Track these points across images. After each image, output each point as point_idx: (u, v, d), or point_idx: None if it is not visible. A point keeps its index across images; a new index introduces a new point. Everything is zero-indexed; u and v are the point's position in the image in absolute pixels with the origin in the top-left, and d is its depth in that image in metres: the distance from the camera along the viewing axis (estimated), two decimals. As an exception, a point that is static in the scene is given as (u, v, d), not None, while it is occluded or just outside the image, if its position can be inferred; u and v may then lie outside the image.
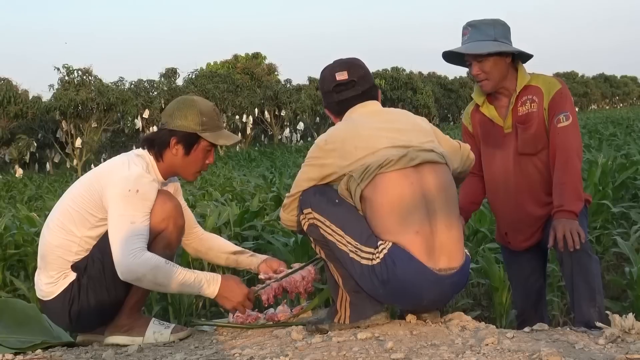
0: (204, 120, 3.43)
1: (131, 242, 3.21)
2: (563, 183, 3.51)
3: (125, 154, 3.53)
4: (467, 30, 3.69)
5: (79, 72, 28.98)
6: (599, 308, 3.41)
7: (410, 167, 3.02)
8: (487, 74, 3.64)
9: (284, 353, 2.87)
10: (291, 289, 3.59)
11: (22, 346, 3.42)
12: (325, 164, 3.12)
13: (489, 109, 3.78)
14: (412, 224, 2.96)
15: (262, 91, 39.19)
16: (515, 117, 3.68)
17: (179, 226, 3.49)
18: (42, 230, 3.53)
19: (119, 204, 3.26)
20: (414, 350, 2.76)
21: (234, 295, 3.38)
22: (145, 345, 3.41)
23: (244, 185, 11.82)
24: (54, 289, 3.41)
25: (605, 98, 76.98)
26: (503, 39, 3.64)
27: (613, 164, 8.38)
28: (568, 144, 3.54)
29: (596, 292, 3.42)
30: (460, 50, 3.66)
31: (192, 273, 3.31)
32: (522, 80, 3.67)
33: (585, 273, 3.42)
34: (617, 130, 19.66)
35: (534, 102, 3.63)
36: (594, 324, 3.19)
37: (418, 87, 44.16)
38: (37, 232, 6.10)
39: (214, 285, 3.34)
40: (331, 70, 3.33)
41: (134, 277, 3.24)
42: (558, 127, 3.55)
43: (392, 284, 2.96)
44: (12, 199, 16.30)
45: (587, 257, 3.43)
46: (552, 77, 3.72)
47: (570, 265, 3.44)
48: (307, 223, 3.14)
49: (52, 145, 29.64)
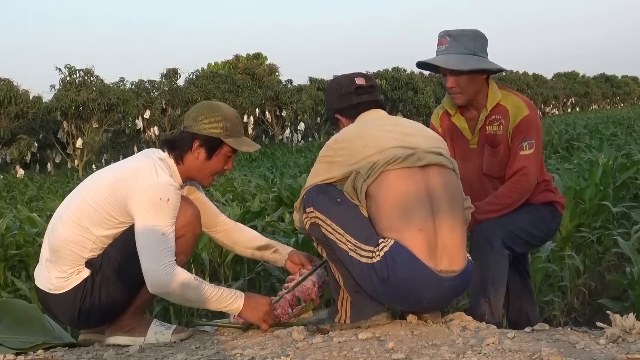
0: (227, 126, 3.43)
1: (163, 256, 3.21)
2: (497, 198, 3.57)
3: (146, 155, 3.48)
4: (445, 40, 3.61)
5: (80, 72, 29.01)
6: (489, 300, 3.41)
7: (417, 167, 3.04)
8: (462, 88, 3.60)
9: (285, 353, 2.88)
10: (304, 298, 3.60)
11: (23, 346, 3.42)
12: (334, 162, 3.14)
13: (460, 120, 3.76)
14: (416, 221, 2.96)
15: (263, 91, 39.24)
16: (483, 134, 3.67)
17: (196, 234, 3.50)
18: (54, 222, 3.47)
19: (149, 212, 3.24)
20: (415, 351, 2.76)
21: (258, 307, 3.41)
22: (147, 345, 3.42)
23: (245, 185, 11.80)
24: (66, 283, 3.38)
25: (606, 98, 76.88)
26: (482, 53, 3.59)
27: (614, 164, 8.36)
28: (525, 173, 3.56)
29: (489, 283, 3.41)
30: (439, 64, 3.60)
31: (217, 290, 3.33)
32: (493, 98, 3.64)
33: (480, 260, 3.41)
34: (618, 130, 19.61)
35: (500, 124, 3.62)
36: (482, 314, 3.34)
37: (419, 88, 44.16)
38: (38, 232, 6.10)
39: (238, 300, 3.37)
40: (349, 75, 3.41)
41: (164, 291, 3.26)
42: (520, 154, 3.56)
43: (391, 282, 2.95)
44: (13, 199, 16.32)
45: (488, 247, 3.44)
46: (521, 100, 3.66)
47: (471, 252, 3.45)
48: (309, 222, 3.15)
49: (53, 145, 29.66)
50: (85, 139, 28.52)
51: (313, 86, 40.39)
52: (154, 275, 3.21)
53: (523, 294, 3.83)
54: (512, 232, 3.51)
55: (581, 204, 5.93)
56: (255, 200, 8.01)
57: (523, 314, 3.71)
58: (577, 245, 5.61)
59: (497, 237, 3.45)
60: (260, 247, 3.87)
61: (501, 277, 3.45)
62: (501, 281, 3.45)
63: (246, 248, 3.88)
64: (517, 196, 3.57)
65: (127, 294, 3.43)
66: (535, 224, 3.62)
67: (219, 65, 50.18)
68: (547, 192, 3.70)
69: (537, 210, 3.65)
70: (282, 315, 3.54)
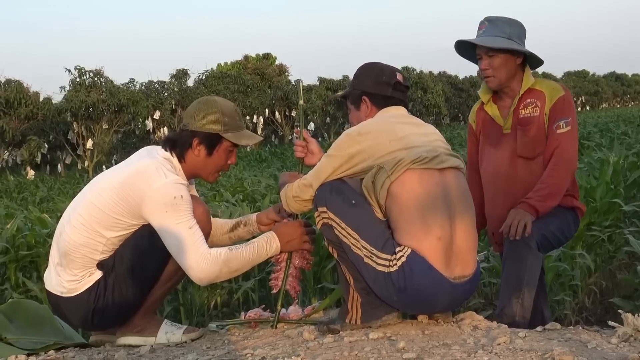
0: (225, 121, 3.43)
1: (197, 247, 3.22)
2: (543, 182, 3.59)
3: (151, 155, 3.45)
4: (484, 25, 3.74)
5: (90, 73, 29.06)
6: (523, 301, 3.43)
7: (436, 170, 3.04)
8: (495, 70, 3.68)
9: (296, 353, 2.88)
10: (304, 265, 3.61)
11: (34, 347, 3.43)
12: (355, 154, 3.10)
13: (492, 108, 3.83)
14: (435, 228, 2.96)
15: (273, 92, 39.20)
16: (516, 118, 3.72)
17: (207, 233, 3.46)
18: (62, 226, 3.45)
19: (168, 212, 3.23)
20: (426, 350, 2.76)
21: (293, 236, 3.47)
22: (158, 345, 3.42)
23: (255, 185, 11.81)
24: (78, 286, 3.38)
25: (617, 96, 76.54)
26: (517, 39, 3.68)
27: (625, 163, 8.34)
28: (563, 150, 3.61)
29: (524, 284, 3.44)
30: (473, 41, 3.71)
31: (252, 245, 3.37)
32: (526, 82, 3.72)
33: (517, 262, 3.46)
34: (628, 128, 19.55)
35: (536, 107, 3.67)
36: (513, 315, 3.35)
37: (428, 87, 44.08)
38: (48, 233, 6.12)
39: (273, 242, 3.42)
40: (391, 67, 3.44)
41: (214, 277, 3.29)
42: (557, 132, 3.61)
43: (408, 292, 2.95)
44: (24, 200, 16.37)
45: (526, 248, 3.46)
46: (556, 83, 3.76)
47: (507, 252, 3.53)
48: (321, 222, 3.13)
49: (64, 146, 29.70)
50: (95, 140, 28.55)
51: (322, 86, 40.34)
52: (198, 269, 3.22)
53: (539, 294, 3.84)
54: (544, 235, 3.56)
55: (592, 202, 5.92)
56: (266, 201, 8.04)
57: (538, 313, 3.71)
58: (588, 244, 5.59)
59: (533, 238, 3.47)
60: (231, 228, 3.87)
61: (535, 279, 3.50)
62: (535, 283, 3.50)
63: (221, 236, 3.85)
64: (561, 174, 3.59)
65: (140, 293, 3.43)
66: (562, 228, 3.68)
67: (228, 65, 50.16)
68: (572, 197, 3.75)
69: (564, 214, 3.70)
70: (292, 289, 3.56)
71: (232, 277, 3.57)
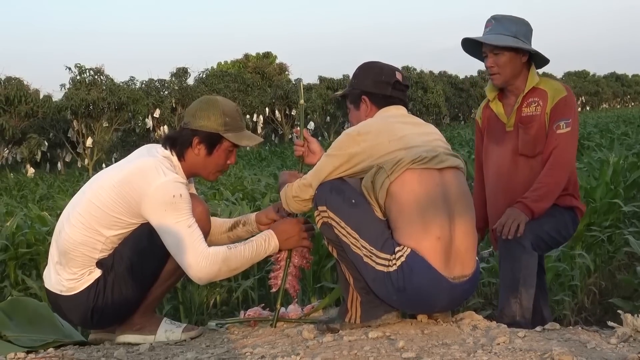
0: (226, 121, 3.43)
1: (196, 246, 3.22)
2: (540, 182, 3.59)
3: (150, 154, 3.45)
4: (490, 23, 3.76)
5: (90, 71, 29.05)
6: (521, 301, 3.46)
7: (436, 169, 3.04)
8: (500, 68, 3.70)
9: (295, 352, 2.88)
10: (303, 264, 3.61)
11: (34, 345, 3.43)
12: (355, 154, 3.10)
13: (497, 105, 3.85)
14: (434, 228, 2.96)
15: (273, 90, 39.18)
16: (519, 116, 3.73)
17: (206, 231, 3.46)
18: (61, 224, 3.45)
19: (167, 211, 3.23)
20: (425, 350, 2.76)
21: (291, 233, 3.47)
22: (157, 344, 3.42)
23: (255, 184, 11.81)
24: (77, 284, 3.38)
25: (617, 97, 76.52)
26: (523, 38, 3.70)
27: (624, 163, 8.35)
28: (561, 150, 3.62)
29: (520, 284, 3.47)
30: (479, 39, 3.74)
31: (251, 243, 3.38)
32: (531, 81, 3.73)
33: (512, 262, 3.50)
34: (628, 129, 19.54)
35: (538, 105, 3.69)
36: (513, 315, 3.38)
37: (429, 86, 44.05)
38: (48, 231, 6.12)
39: (272, 240, 3.43)
40: (391, 66, 3.44)
41: (213, 275, 3.29)
42: (557, 132, 3.63)
43: (407, 291, 2.96)
44: (23, 198, 16.35)
45: (519, 248, 3.48)
46: (560, 83, 3.78)
47: (501, 252, 3.57)
48: (321, 221, 3.14)
49: (63, 144, 29.68)
50: (95, 138, 28.53)
51: (322, 85, 40.35)
52: (197, 267, 3.22)
53: (539, 294, 3.85)
54: (539, 235, 3.57)
55: (592, 203, 5.93)
56: (265, 199, 8.03)
57: (538, 313, 3.71)
58: (587, 245, 5.59)
59: (527, 238, 3.48)
60: (230, 227, 3.86)
61: (532, 277, 3.51)
62: (532, 282, 3.51)
63: (220, 235, 3.84)
64: (558, 175, 3.60)
65: (140, 291, 3.43)
66: (558, 228, 3.69)
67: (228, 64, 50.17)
68: (572, 197, 3.75)
69: (561, 214, 3.70)
70: (291, 288, 3.56)
71: (231, 275, 3.57)
